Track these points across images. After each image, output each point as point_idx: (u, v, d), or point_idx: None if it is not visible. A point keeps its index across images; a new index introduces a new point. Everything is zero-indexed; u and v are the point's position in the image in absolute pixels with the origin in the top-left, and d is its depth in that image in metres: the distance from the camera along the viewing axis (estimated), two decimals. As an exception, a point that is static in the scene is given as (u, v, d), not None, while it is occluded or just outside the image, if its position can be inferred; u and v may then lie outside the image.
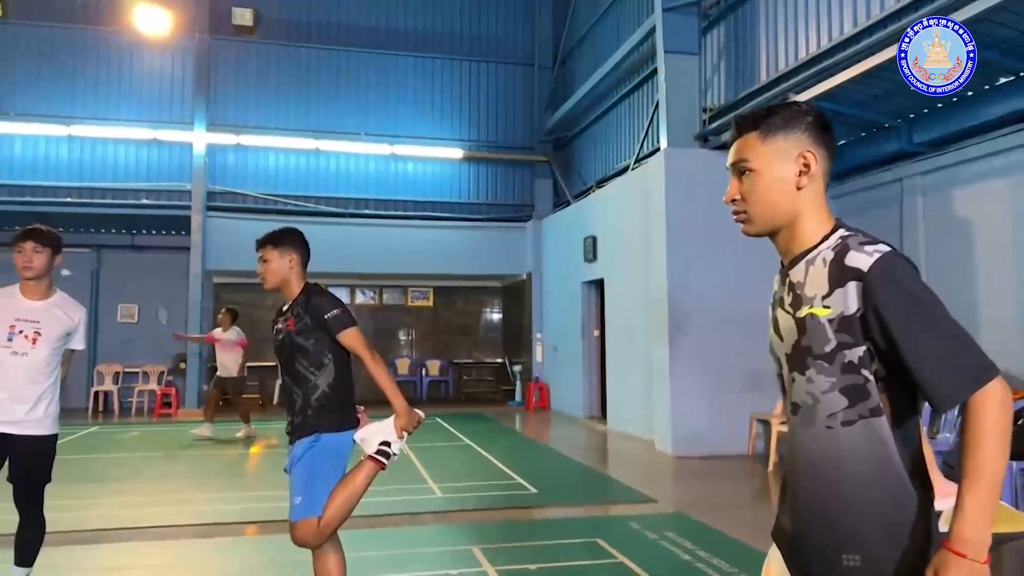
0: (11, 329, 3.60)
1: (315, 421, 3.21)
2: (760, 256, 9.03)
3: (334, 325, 3.20)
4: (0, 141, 13.56)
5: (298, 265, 3.36)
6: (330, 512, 3.10)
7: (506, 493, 6.81)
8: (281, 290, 3.37)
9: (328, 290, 3.34)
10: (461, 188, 15.43)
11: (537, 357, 14.83)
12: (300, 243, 3.40)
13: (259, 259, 3.35)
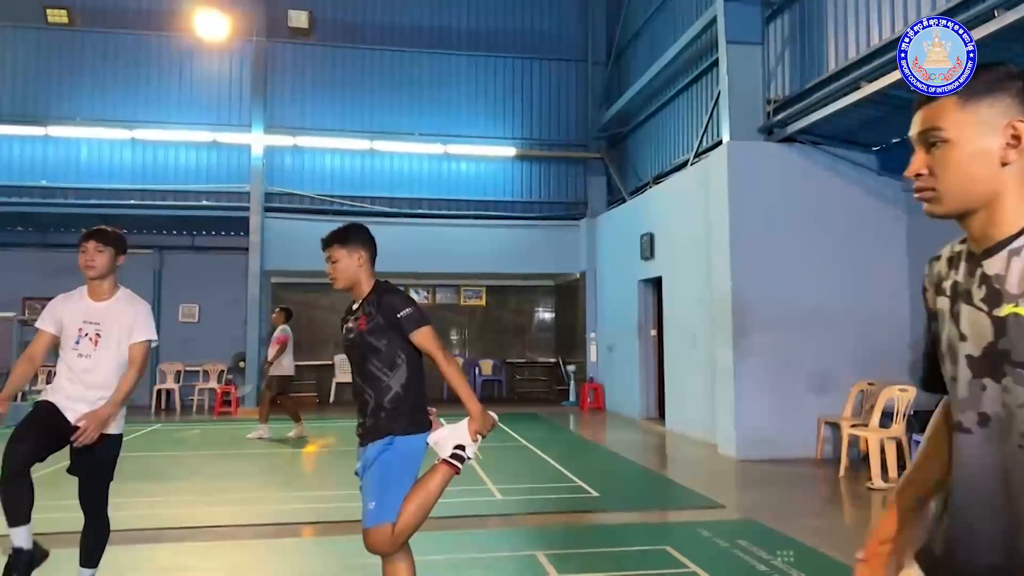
0: (79, 332, 3.61)
1: (388, 424, 3.09)
2: (829, 253, 8.69)
3: (407, 324, 3.09)
4: (67, 146, 13.93)
5: (367, 262, 3.27)
6: (404, 519, 2.98)
7: (567, 496, 6.64)
8: (351, 289, 3.28)
9: (399, 288, 3.23)
10: (514, 187, 15.30)
11: (591, 357, 14.61)
12: (367, 239, 3.31)
13: (327, 259, 3.26)
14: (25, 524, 3.31)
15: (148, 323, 3.74)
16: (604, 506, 6.29)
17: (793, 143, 8.96)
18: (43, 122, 13.61)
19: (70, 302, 3.68)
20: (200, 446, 10.04)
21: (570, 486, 7.06)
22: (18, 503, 3.27)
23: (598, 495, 6.63)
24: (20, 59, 13.93)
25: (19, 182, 13.66)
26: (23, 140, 13.77)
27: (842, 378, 8.57)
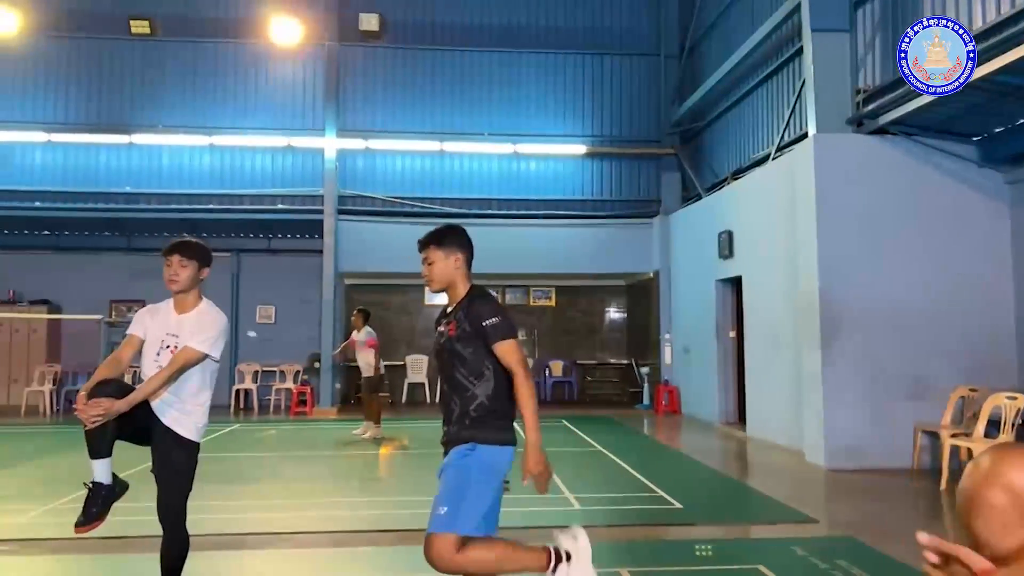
0: (161, 344, 3.59)
1: (471, 432, 2.98)
2: (924, 250, 8.15)
3: (491, 333, 2.96)
4: (150, 153, 14.37)
5: (463, 265, 3.16)
6: (475, 552, 2.82)
7: (648, 507, 6.39)
8: (447, 291, 3.18)
9: (493, 295, 3.12)
10: (584, 185, 15.05)
11: (666, 359, 14.24)
12: (464, 241, 3.21)
13: (423, 260, 3.16)
14: (105, 457, 3.33)
15: (211, 335, 3.60)
16: (688, 519, 6.01)
17: (885, 135, 8.47)
18: (127, 130, 14.07)
19: (159, 315, 3.66)
20: (278, 447, 10.16)
21: (650, 496, 6.80)
22: (100, 437, 3.28)
23: (681, 507, 6.36)
24: (105, 70, 14.44)
25: (105, 188, 14.15)
26: (109, 148, 14.26)
27: (940, 384, 8.06)
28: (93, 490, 3.33)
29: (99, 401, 3.21)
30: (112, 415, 3.23)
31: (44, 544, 5.25)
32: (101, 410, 3.19)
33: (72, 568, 4.96)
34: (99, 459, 3.31)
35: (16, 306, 14.64)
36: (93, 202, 14.12)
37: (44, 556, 5.09)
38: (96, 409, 3.19)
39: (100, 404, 3.20)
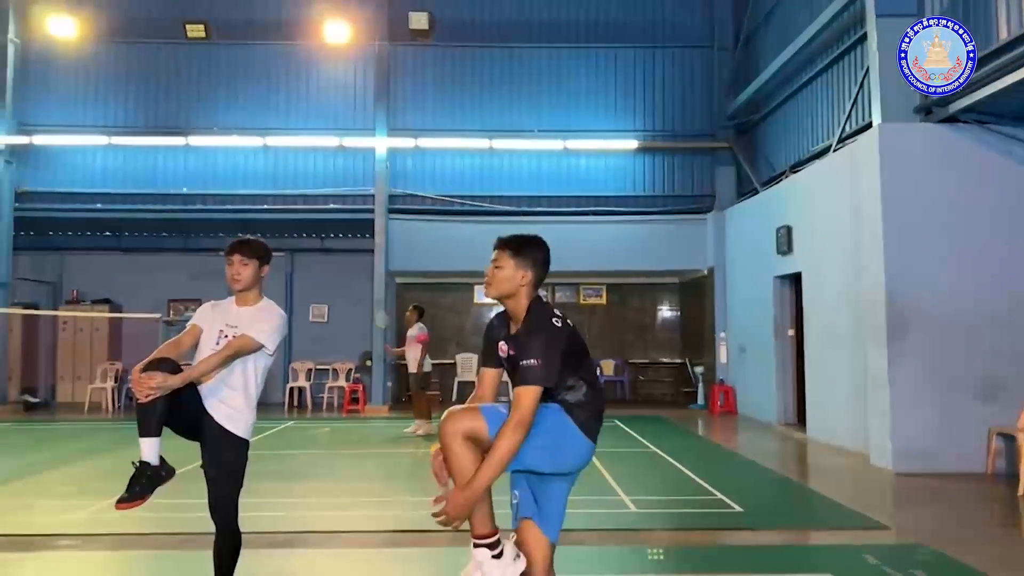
0: (219, 334, 3.60)
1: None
2: (998, 245, 7.74)
3: (523, 373, 2.73)
4: (206, 154, 14.63)
5: (530, 285, 2.90)
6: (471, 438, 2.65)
7: (708, 511, 6.18)
8: (504, 301, 2.95)
9: (550, 325, 2.80)
10: (636, 181, 14.81)
11: (721, 358, 13.91)
12: (541, 261, 2.94)
13: (492, 260, 2.94)
14: (153, 437, 3.30)
15: (268, 327, 3.60)
16: (750, 523, 5.78)
17: (956, 123, 8.07)
18: (183, 132, 14.34)
19: (220, 308, 3.70)
20: (331, 444, 10.21)
21: (709, 499, 6.58)
22: (149, 414, 3.25)
23: (741, 510, 6.13)
24: (162, 74, 14.75)
25: (163, 190, 14.46)
26: (166, 150, 14.57)
27: (1015, 384, 7.65)
28: (139, 469, 3.32)
29: (152, 374, 3.21)
30: (164, 390, 3.21)
31: (104, 539, 5.32)
32: (154, 383, 3.18)
33: (132, 563, 5.00)
34: (147, 438, 3.29)
35: (79, 305, 15.07)
36: (152, 203, 14.44)
37: (104, 551, 5.15)
38: (149, 382, 3.19)
39: (153, 377, 3.20)
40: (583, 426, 2.81)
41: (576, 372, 2.81)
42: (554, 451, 2.74)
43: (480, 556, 2.69)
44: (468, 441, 2.61)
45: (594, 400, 2.84)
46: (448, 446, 2.62)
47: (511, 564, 2.72)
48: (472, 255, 14.03)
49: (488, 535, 2.69)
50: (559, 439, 2.75)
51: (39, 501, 6.56)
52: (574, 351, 2.82)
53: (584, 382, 2.82)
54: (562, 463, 2.80)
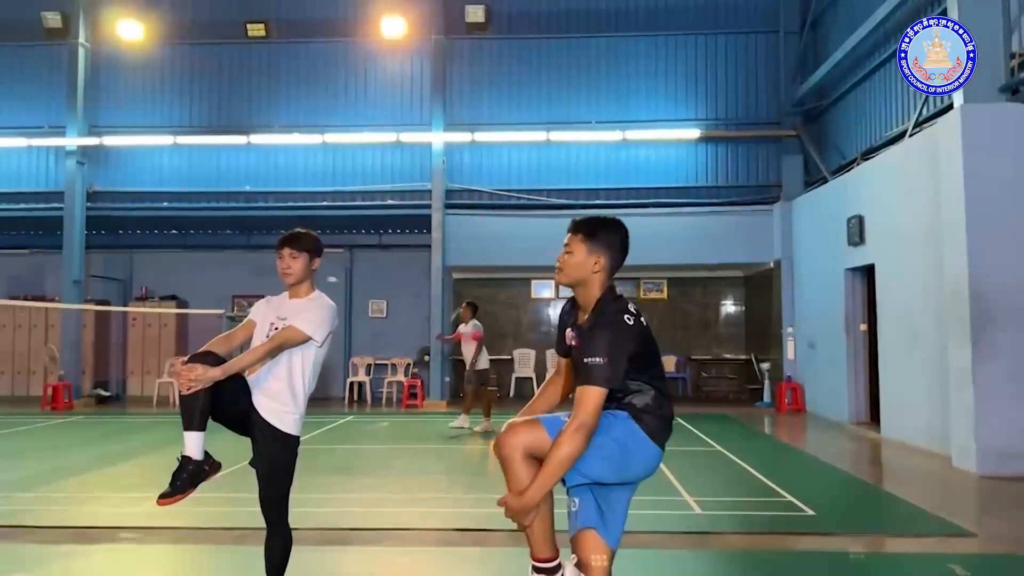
0: (270, 327, 3.52)
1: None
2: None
3: (587, 371, 2.54)
4: (267, 153, 14.84)
5: (604, 272, 2.72)
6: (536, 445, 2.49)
7: (777, 514, 5.88)
8: (575, 288, 2.78)
9: (620, 321, 2.60)
10: (698, 171, 14.40)
11: (788, 354, 13.42)
12: (617, 245, 2.73)
13: (564, 244, 2.78)
14: (196, 430, 3.23)
15: (316, 318, 3.50)
16: (824, 527, 5.46)
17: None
18: (245, 131, 14.56)
19: (273, 302, 3.65)
20: (389, 439, 10.19)
21: (778, 501, 6.27)
22: (192, 407, 3.19)
23: (814, 514, 5.80)
24: (225, 73, 15.02)
25: (226, 188, 14.73)
26: (229, 149, 14.83)
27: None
28: (182, 463, 3.25)
29: (193, 366, 3.15)
30: (205, 382, 3.15)
31: (163, 533, 5.34)
32: (194, 375, 3.13)
33: (188, 558, 5.01)
34: (191, 431, 3.22)
35: (148, 302, 15.49)
36: (215, 201, 14.72)
37: (165, 545, 5.18)
38: (189, 374, 3.13)
39: (194, 369, 3.14)
40: (653, 434, 2.62)
41: (644, 374, 2.61)
42: (622, 461, 2.56)
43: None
44: (528, 457, 2.47)
45: (662, 407, 2.64)
46: (506, 458, 2.48)
47: None
48: (529, 249, 14.04)
49: (547, 559, 2.52)
50: (627, 448, 2.56)
51: (106, 493, 6.67)
52: (645, 352, 2.61)
53: (653, 387, 2.62)
54: (629, 473, 2.61)
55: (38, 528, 5.43)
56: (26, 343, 15.49)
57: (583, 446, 2.42)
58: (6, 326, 15.50)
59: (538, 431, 2.48)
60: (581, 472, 2.50)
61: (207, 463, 3.34)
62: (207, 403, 3.22)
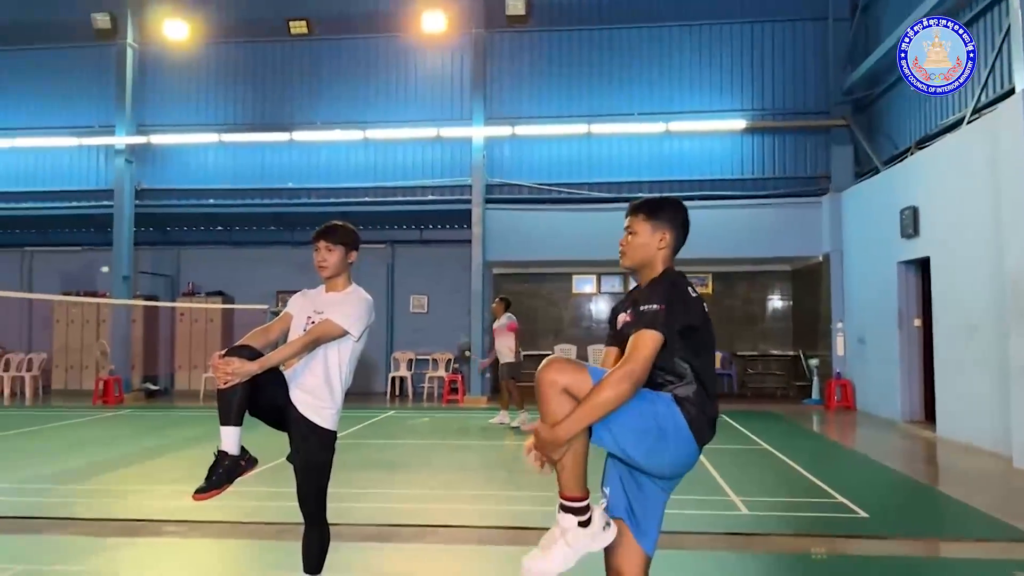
0: (307, 320, 3.49)
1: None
2: None
3: (640, 318, 2.43)
4: (309, 149, 14.95)
5: (669, 249, 2.64)
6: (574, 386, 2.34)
7: (828, 515, 5.67)
8: (638, 272, 2.69)
9: (684, 284, 2.54)
10: (744, 163, 14.09)
11: (838, 350, 13.05)
12: (680, 221, 2.66)
13: (626, 228, 2.68)
14: (232, 425, 3.20)
15: (353, 312, 3.45)
16: (878, 530, 5.24)
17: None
18: (288, 128, 14.68)
19: (310, 295, 3.62)
20: (430, 434, 10.18)
21: (829, 502, 6.05)
22: (228, 402, 3.17)
23: (867, 516, 5.58)
24: (268, 71, 15.17)
25: (270, 185, 14.89)
26: (272, 147, 14.98)
27: None
28: (218, 458, 3.23)
29: (230, 360, 3.12)
30: (242, 376, 3.12)
31: (209, 527, 5.36)
32: (230, 369, 3.10)
33: (233, 552, 5.02)
34: (228, 426, 3.20)
35: (195, 297, 15.75)
36: (259, 198, 14.90)
37: (209, 539, 5.20)
38: (226, 367, 3.10)
39: (231, 363, 3.11)
40: (692, 424, 2.47)
41: (695, 359, 2.47)
42: (655, 440, 2.40)
43: (565, 522, 2.39)
44: (566, 394, 2.33)
45: (704, 402, 2.49)
46: (544, 393, 2.35)
47: (600, 533, 2.41)
48: (570, 244, 13.92)
49: (576, 498, 2.38)
50: (664, 429, 2.41)
51: (151, 486, 6.76)
52: (701, 331, 2.49)
53: (697, 379, 2.48)
54: (660, 459, 2.44)
55: (85, 520, 5.50)
56: (79, 338, 15.88)
57: (627, 395, 2.30)
58: (60, 321, 15.92)
59: (581, 373, 2.36)
60: (612, 432, 2.36)
61: (243, 458, 3.31)
62: (244, 397, 3.19)
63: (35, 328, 16.36)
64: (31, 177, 15.34)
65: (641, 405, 2.38)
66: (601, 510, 2.46)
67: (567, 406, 2.32)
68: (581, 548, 2.39)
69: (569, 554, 2.38)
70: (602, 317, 16.08)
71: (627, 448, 2.41)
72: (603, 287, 16.09)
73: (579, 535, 2.37)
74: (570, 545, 2.37)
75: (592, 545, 2.41)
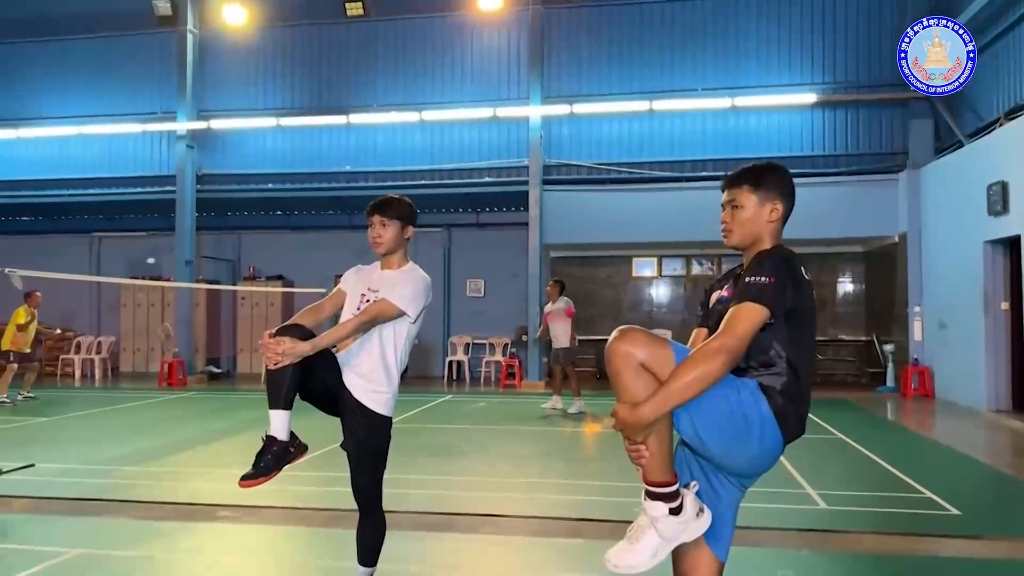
0: (361, 298, 3.31)
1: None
2: None
3: (743, 291, 2.15)
4: (366, 132, 14.88)
5: (779, 221, 2.37)
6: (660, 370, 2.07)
7: (915, 511, 5.25)
8: (746, 251, 2.41)
9: (797, 263, 2.24)
10: (814, 139, 13.43)
11: (915, 335, 12.36)
12: (789, 188, 2.38)
13: (727, 203, 2.40)
14: (282, 409, 3.01)
15: (410, 292, 3.24)
16: (971, 529, 4.81)
17: None
18: (345, 111, 14.62)
19: (363, 272, 3.44)
20: (486, 420, 10.00)
21: (915, 497, 5.62)
22: (278, 384, 2.97)
23: (958, 513, 5.15)
24: (324, 54, 15.13)
25: (327, 169, 14.88)
26: (330, 130, 14.96)
27: None
28: (266, 444, 3.04)
29: (281, 339, 2.92)
30: (294, 357, 2.92)
31: (264, 512, 5.27)
32: (280, 349, 2.90)
33: (288, 540, 4.92)
34: (277, 410, 3.01)
35: (255, 281, 15.92)
36: (318, 182, 14.91)
37: (262, 525, 5.10)
38: (276, 348, 2.90)
39: (282, 342, 2.91)
40: (779, 415, 2.18)
41: (792, 347, 2.19)
42: (739, 431, 2.13)
43: (654, 510, 2.12)
44: (644, 370, 2.06)
45: (794, 397, 2.19)
46: (617, 369, 2.07)
47: (694, 520, 2.16)
48: (630, 226, 13.52)
49: (665, 483, 2.11)
50: (749, 420, 2.14)
51: (208, 470, 6.75)
52: (804, 317, 2.21)
53: (790, 370, 2.19)
54: (741, 453, 2.17)
55: (143, 503, 5.48)
56: (145, 322, 16.24)
57: (721, 371, 2.03)
58: (127, 305, 16.30)
59: (662, 347, 2.08)
60: (691, 418, 2.09)
61: (292, 444, 3.13)
62: (295, 380, 3.00)
63: (104, 312, 16.81)
64: (98, 164, 15.67)
65: (725, 390, 2.11)
66: (693, 495, 2.19)
67: (647, 384, 2.05)
68: (673, 538, 2.14)
69: (661, 545, 2.14)
70: (663, 301, 15.64)
71: (705, 438, 2.14)
72: (664, 270, 15.64)
73: (671, 523, 2.12)
74: (661, 535, 2.13)
75: (684, 535, 2.16)
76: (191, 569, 4.30)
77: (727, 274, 2.48)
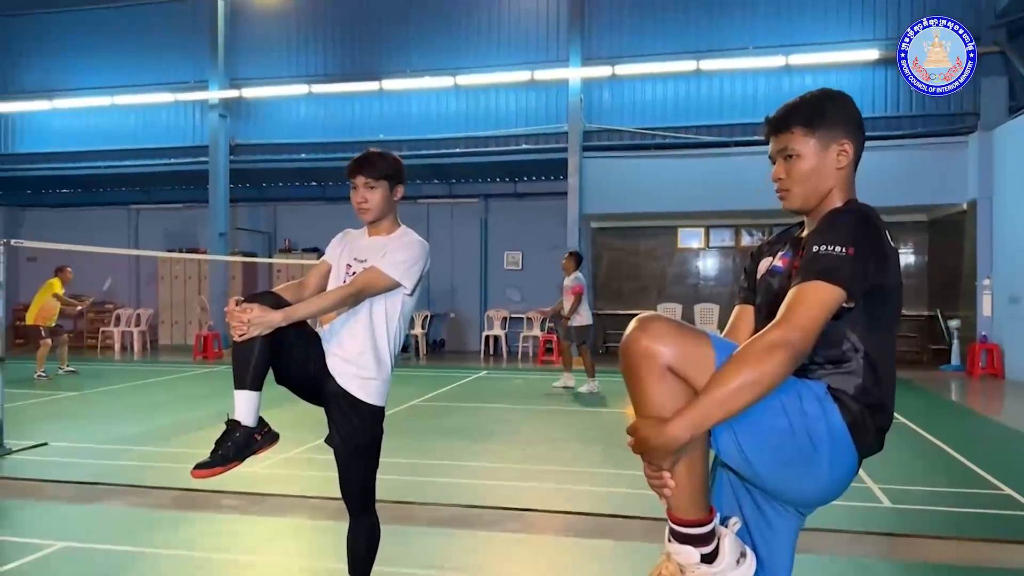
0: (347, 270, 2.84)
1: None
2: None
3: (812, 262, 1.62)
4: (399, 100, 14.42)
5: (851, 165, 1.84)
6: None
7: (994, 512, 4.63)
8: (810, 212, 1.88)
9: (880, 224, 1.72)
10: (875, 99, 12.51)
11: (984, 310, 11.50)
12: (855, 118, 1.84)
13: (778, 152, 1.87)
14: (249, 389, 2.55)
15: (404, 259, 2.76)
16: (1064, 537, 4.20)
17: None
18: (378, 77, 14.16)
19: (349, 238, 2.97)
20: (520, 399, 9.55)
21: (994, 494, 4.99)
22: (245, 360, 2.52)
23: (1046, 516, 4.52)
24: (357, 18, 14.66)
25: (361, 138, 14.45)
26: (362, 98, 14.55)
27: None
28: (228, 429, 2.60)
29: (249, 306, 2.47)
30: (263, 327, 2.47)
31: (267, 501, 4.91)
32: (248, 317, 2.44)
33: (292, 533, 4.54)
34: (243, 390, 2.55)
35: (291, 253, 15.68)
36: (351, 152, 14.24)
37: (266, 517, 4.72)
38: (243, 315, 2.44)
39: (250, 310, 2.46)
40: (854, 428, 1.66)
41: (867, 337, 1.68)
42: (799, 449, 1.61)
43: (682, 557, 1.62)
44: (671, 374, 1.54)
45: (873, 403, 1.69)
46: (636, 372, 1.55)
47: (733, 570, 1.63)
48: (675, 194, 12.82)
49: (696, 522, 1.60)
50: (814, 435, 1.62)
51: (223, 450, 6.42)
52: (889, 297, 1.70)
53: (868, 368, 1.68)
54: (803, 480, 1.67)
55: (147, 488, 5.17)
56: (183, 294, 16.17)
57: (781, 376, 1.51)
58: (164, 278, 16.25)
59: (697, 342, 1.56)
60: (739, 438, 1.58)
61: (259, 431, 2.68)
62: (264, 357, 2.54)
63: (143, 284, 16.81)
64: (132, 135, 15.54)
65: (782, 399, 1.58)
66: (733, 535, 1.67)
67: (676, 392, 1.53)
68: None
69: None
70: (711, 274, 14.93)
71: (755, 461, 1.62)
72: (712, 241, 14.90)
73: (703, 574, 1.61)
74: None
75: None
76: (180, 569, 3.93)
77: (781, 235, 1.95)
